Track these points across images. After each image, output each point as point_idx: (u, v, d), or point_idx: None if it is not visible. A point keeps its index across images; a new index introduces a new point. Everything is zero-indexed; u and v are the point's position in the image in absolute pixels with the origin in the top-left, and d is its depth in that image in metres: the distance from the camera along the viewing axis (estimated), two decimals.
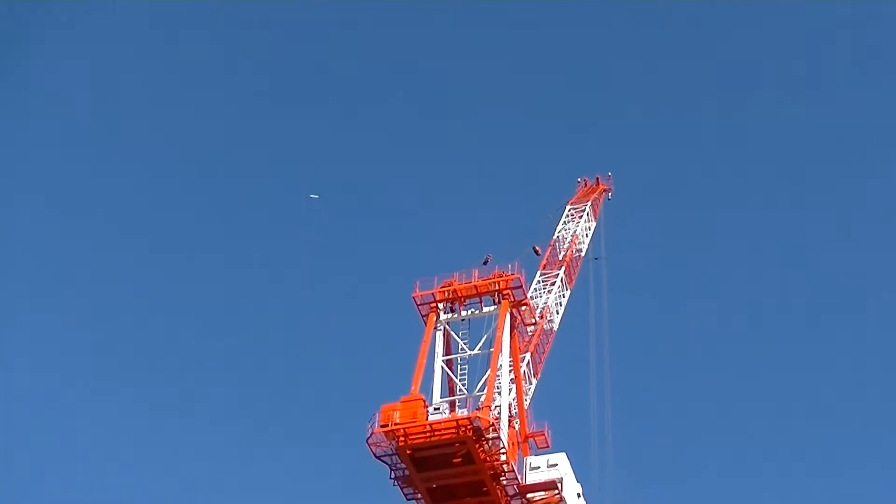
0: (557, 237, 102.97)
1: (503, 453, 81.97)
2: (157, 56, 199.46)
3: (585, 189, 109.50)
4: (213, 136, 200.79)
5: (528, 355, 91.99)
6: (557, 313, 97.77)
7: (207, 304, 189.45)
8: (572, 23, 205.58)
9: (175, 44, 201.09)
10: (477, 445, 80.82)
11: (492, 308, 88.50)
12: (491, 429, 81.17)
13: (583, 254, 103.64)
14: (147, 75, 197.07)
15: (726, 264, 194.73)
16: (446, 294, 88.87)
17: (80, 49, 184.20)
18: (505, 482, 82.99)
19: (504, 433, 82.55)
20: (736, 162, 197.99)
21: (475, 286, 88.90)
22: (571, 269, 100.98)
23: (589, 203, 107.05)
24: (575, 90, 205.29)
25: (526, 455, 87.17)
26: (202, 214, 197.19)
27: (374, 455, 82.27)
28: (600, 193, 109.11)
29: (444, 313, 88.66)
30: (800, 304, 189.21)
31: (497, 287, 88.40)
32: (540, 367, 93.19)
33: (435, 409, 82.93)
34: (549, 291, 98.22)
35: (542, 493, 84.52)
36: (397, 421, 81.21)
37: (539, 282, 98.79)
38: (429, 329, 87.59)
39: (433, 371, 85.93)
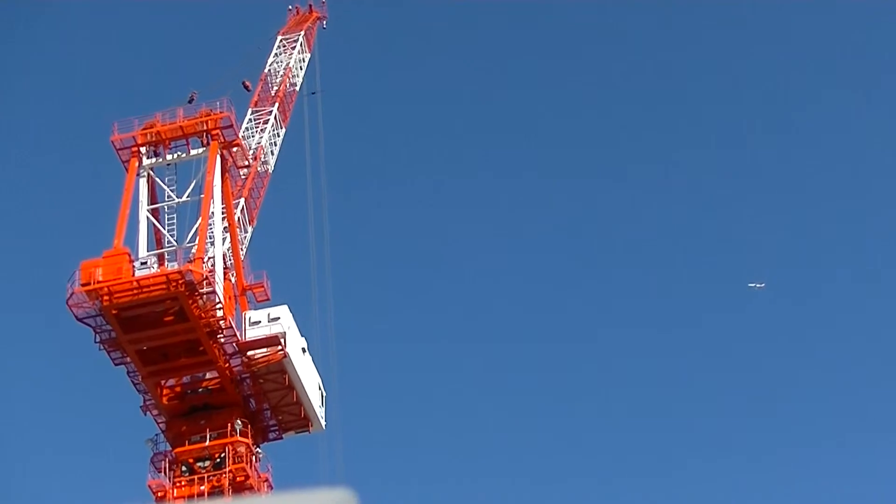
0: (269, 71, 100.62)
1: (219, 308, 79.92)
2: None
3: (297, 17, 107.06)
4: None
5: (241, 201, 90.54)
6: (272, 154, 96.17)
7: None
8: None
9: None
10: (190, 301, 78.62)
11: (200, 150, 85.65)
12: (205, 282, 79.09)
13: (297, 88, 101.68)
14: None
15: (454, 93, 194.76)
16: (148, 136, 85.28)
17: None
18: (223, 340, 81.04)
19: (219, 286, 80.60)
20: None
21: (180, 126, 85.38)
22: (285, 106, 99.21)
23: (302, 32, 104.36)
24: None
25: (244, 310, 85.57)
26: None
27: (77, 317, 79.44)
28: (314, 21, 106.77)
29: (148, 158, 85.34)
30: None
31: (205, 127, 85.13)
32: (255, 213, 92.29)
33: (142, 263, 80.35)
34: (263, 130, 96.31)
35: (264, 349, 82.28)
36: (100, 278, 78.50)
37: (251, 120, 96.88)
38: (130, 176, 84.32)
39: (138, 222, 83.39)
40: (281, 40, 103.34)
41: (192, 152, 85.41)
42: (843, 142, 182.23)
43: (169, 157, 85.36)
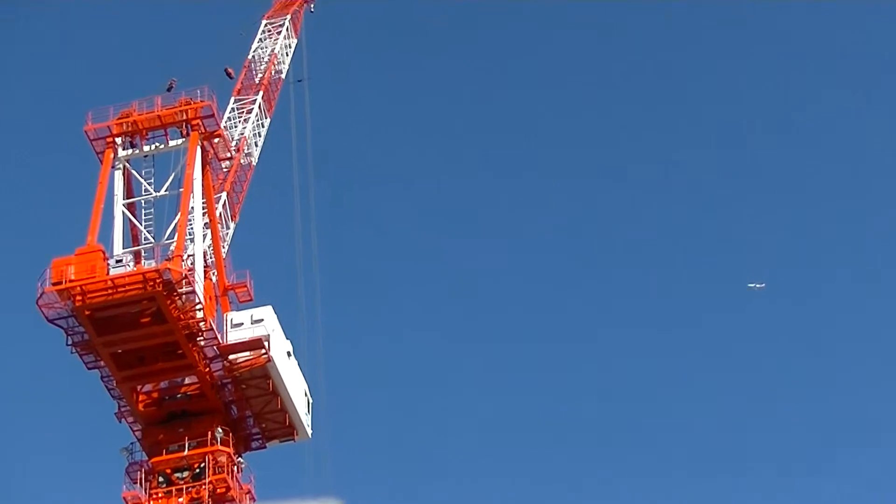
0: (253, 57, 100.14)
1: (199, 309, 79.08)
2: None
3: (283, 0, 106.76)
4: None
5: (223, 195, 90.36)
6: (256, 145, 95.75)
7: None
8: None
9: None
10: (168, 301, 77.83)
11: (179, 141, 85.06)
12: (184, 281, 78.19)
13: (283, 76, 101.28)
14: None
15: (450, 83, 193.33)
16: (124, 126, 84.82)
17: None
18: (202, 343, 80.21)
19: (199, 286, 79.71)
20: None
21: (158, 116, 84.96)
22: (270, 94, 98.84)
23: (288, 16, 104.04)
24: None
25: (226, 311, 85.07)
26: None
27: (47, 318, 78.84)
28: (301, 5, 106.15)
29: (124, 149, 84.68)
30: None
31: (185, 116, 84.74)
32: (238, 208, 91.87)
33: (117, 261, 79.78)
34: (246, 120, 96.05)
35: (247, 353, 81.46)
36: (72, 277, 77.81)
37: (234, 109, 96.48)
38: (105, 168, 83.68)
39: (112, 218, 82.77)
40: (266, 24, 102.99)
41: (171, 143, 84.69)
42: (843, 142, 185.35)
43: (146, 148, 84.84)
